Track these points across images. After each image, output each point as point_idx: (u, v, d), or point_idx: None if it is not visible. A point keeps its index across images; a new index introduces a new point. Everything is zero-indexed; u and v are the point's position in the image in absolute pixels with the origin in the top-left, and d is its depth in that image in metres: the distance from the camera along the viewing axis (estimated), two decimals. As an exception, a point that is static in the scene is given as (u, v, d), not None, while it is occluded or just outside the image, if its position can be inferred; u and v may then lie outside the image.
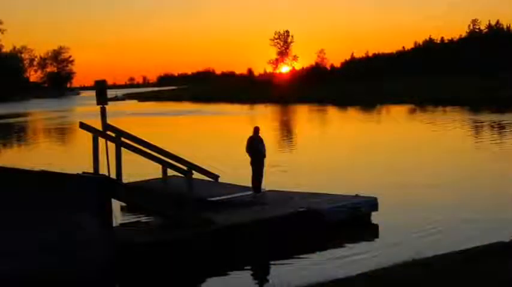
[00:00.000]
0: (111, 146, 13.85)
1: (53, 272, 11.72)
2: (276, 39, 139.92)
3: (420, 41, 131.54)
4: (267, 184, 18.80)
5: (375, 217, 16.53)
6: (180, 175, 15.08)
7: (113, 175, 13.60)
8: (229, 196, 17.85)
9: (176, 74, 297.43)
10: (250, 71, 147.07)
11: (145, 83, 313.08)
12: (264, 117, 62.30)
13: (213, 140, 40.31)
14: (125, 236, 13.47)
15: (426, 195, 19.31)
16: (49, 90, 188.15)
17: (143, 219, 16.60)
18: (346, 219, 15.95)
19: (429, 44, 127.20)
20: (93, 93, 14.74)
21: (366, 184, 20.66)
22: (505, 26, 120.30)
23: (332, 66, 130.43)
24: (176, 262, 13.26)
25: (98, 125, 13.97)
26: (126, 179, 14.42)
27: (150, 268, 12.85)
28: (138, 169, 19.55)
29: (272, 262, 13.59)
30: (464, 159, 27.05)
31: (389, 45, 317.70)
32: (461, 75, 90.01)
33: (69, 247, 11.89)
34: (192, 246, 13.66)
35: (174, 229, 14.02)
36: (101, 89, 13.94)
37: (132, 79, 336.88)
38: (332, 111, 69.33)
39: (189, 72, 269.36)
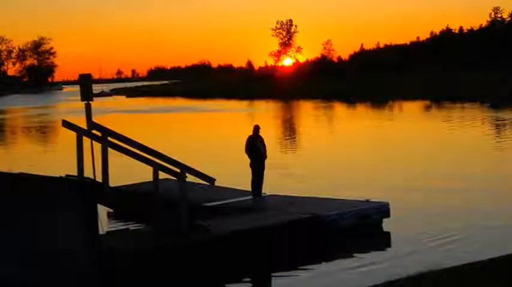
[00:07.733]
0: (97, 146, 13.87)
1: (33, 280, 11.76)
2: (278, 29, 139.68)
3: (437, 31, 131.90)
4: (267, 188, 18.83)
5: (387, 224, 16.55)
6: (172, 178, 15.11)
7: (99, 178, 13.62)
8: (226, 201, 17.87)
9: (168, 68, 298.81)
10: (249, 64, 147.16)
11: (135, 77, 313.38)
12: (264, 115, 62.35)
13: (209, 140, 40.36)
14: (113, 245, 13.48)
15: (442, 200, 19.30)
16: (29, 84, 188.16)
17: (132, 226, 16.62)
18: (355, 226, 15.96)
19: (447, 34, 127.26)
20: (77, 88, 14.80)
21: (377, 187, 20.68)
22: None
23: (340, 58, 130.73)
24: (169, 272, 13.27)
25: (83, 123, 13.99)
26: (113, 182, 14.43)
27: (141, 279, 12.87)
28: (127, 172, 19.57)
29: (273, 274, 13.63)
30: (483, 161, 27.04)
31: (403, 35, 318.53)
32: (482, 68, 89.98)
33: (50, 256, 11.92)
34: (186, 255, 13.67)
35: (166, 237, 14.04)
36: (85, 84, 13.96)
37: (120, 73, 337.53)
38: (339, 108, 69.39)
39: (183, 66, 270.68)
